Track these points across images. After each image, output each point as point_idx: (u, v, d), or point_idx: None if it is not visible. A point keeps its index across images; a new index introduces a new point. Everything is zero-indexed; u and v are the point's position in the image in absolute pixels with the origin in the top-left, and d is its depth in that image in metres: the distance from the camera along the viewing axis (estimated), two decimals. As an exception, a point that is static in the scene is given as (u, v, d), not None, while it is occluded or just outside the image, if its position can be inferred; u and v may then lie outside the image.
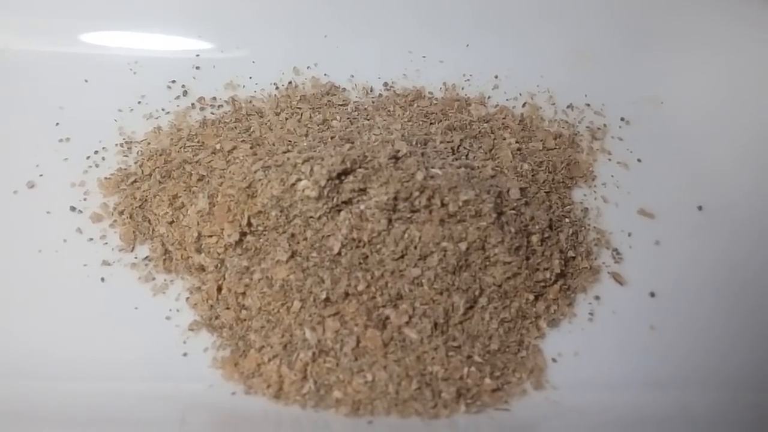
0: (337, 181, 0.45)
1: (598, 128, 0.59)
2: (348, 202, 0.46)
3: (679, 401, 0.45)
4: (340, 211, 0.45)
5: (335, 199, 0.45)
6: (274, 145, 0.51)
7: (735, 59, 0.60)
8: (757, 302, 0.50)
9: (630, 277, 0.51)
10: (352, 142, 0.48)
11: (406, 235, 0.46)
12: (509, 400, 0.44)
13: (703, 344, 0.48)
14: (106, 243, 0.49)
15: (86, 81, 0.56)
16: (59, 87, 0.56)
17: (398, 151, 0.47)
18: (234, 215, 0.46)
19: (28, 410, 0.40)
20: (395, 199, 0.45)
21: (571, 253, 0.51)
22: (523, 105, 0.59)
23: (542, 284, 0.48)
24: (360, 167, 0.46)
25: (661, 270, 0.52)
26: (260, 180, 0.46)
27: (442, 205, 0.45)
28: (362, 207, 0.45)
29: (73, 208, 0.50)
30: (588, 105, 0.60)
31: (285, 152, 0.49)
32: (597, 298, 0.50)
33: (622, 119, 0.60)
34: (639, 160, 0.58)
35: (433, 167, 0.47)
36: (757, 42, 0.59)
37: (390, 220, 0.46)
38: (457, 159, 0.50)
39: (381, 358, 0.44)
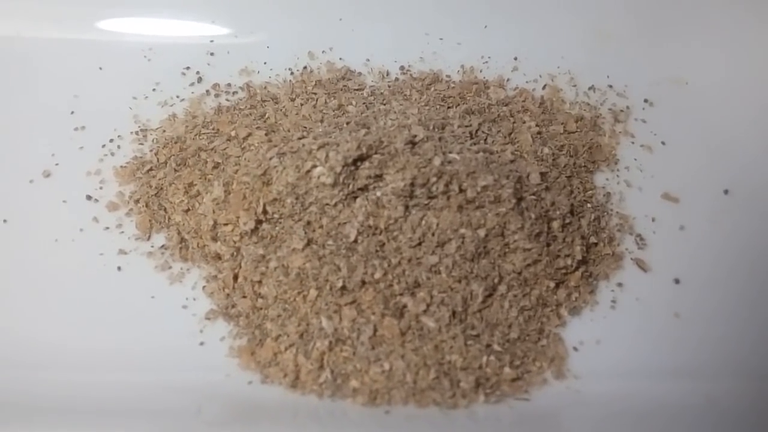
0: (352, 168, 0.44)
1: (621, 110, 0.57)
2: (364, 189, 0.45)
3: (704, 391, 0.44)
4: (356, 197, 0.45)
5: (351, 186, 0.44)
6: (289, 131, 0.50)
7: (761, 38, 0.58)
8: (784, 289, 0.49)
9: (654, 263, 0.50)
10: (368, 128, 0.48)
11: (423, 222, 0.45)
12: (529, 390, 0.43)
13: (729, 332, 0.47)
14: (122, 232, 0.48)
15: (101, 68, 0.56)
16: (73, 75, 0.55)
17: (415, 136, 0.46)
18: (249, 203, 0.46)
19: (45, 401, 0.40)
20: (412, 185, 0.44)
21: (593, 239, 0.49)
22: (544, 87, 0.58)
23: (563, 271, 0.47)
24: (376, 153, 0.45)
25: (685, 256, 0.50)
26: (275, 167, 0.45)
27: (461, 190, 0.45)
28: (378, 194, 0.45)
29: (89, 197, 0.50)
30: (610, 86, 0.59)
31: (300, 138, 0.48)
32: (620, 285, 0.49)
33: (646, 101, 0.58)
34: (663, 143, 0.56)
35: (450, 152, 0.46)
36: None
37: (407, 207, 0.45)
38: (475, 143, 0.49)
39: (398, 347, 0.43)
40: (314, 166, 0.44)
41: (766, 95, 0.57)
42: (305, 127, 0.50)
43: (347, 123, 0.50)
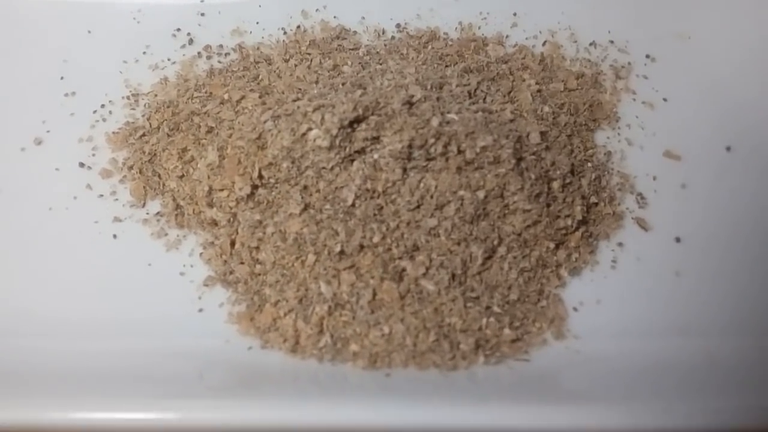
0: (349, 130, 0.44)
1: (622, 66, 0.56)
2: (361, 152, 0.44)
3: (704, 348, 0.43)
4: (353, 160, 0.44)
5: (348, 149, 0.44)
6: (283, 93, 0.49)
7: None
8: (786, 246, 0.48)
9: (655, 222, 0.50)
10: (364, 88, 0.47)
11: (421, 185, 0.44)
12: (529, 350, 0.43)
13: (730, 290, 0.47)
14: (117, 199, 0.48)
15: (89, 32, 0.55)
16: (62, 39, 0.54)
17: (412, 96, 0.45)
18: (244, 168, 0.45)
19: (44, 370, 0.39)
20: (410, 146, 0.43)
21: (593, 199, 0.49)
22: (543, 44, 0.57)
23: (563, 232, 0.47)
24: (373, 114, 0.44)
25: (687, 214, 0.50)
26: (270, 131, 0.45)
27: (459, 152, 0.44)
28: (376, 156, 0.44)
29: (82, 164, 0.49)
30: (611, 42, 0.57)
31: (295, 100, 0.47)
32: (620, 244, 0.49)
33: (648, 56, 0.57)
34: (665, 100, 0.55)
35: (449, 112, 0.45)
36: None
37: (405, 169, 0.44)
38: (474, 103, 0.48)
39: (398, 310, 0.43)
40: (310, 129, 0.44)
41: (767, 50, 0.56)
42: (300, 89, 0.49)
43: (343, 84, 0.49)
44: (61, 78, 0.53)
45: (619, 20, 0.58)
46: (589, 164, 0.51)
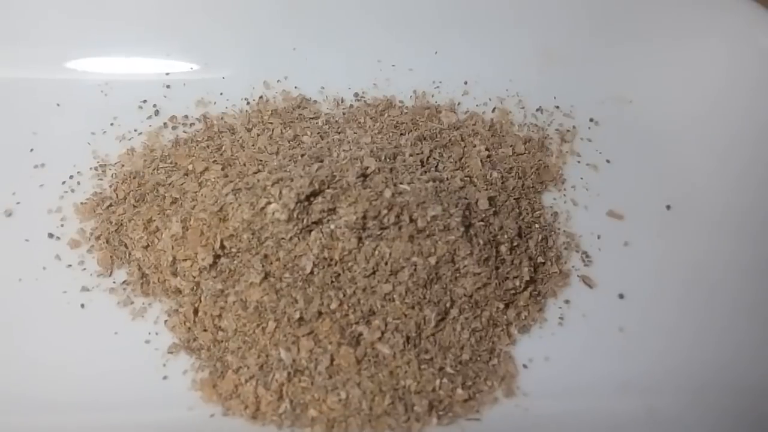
0: (306, 203, 0.46)
1: (568, 130, 0.60)
2: (318, 222, 0.46)
3: (646, 404, 0.46)
4: (310, 231, 0.46)
5: (305, 220, 0.46)
6: (245, 165, 0.52)
7: (703, 57, 0.61)
8: (725, 302, 0.51)
9: (599, 279, 0.52)
10: (321, 161, 0.49)
11: (376, 252, 0.47)
12: (480, 410, 0.46)
13: (672, 345, 0.49)
14: (85, 269, 0.50)
15: (58, 105, 0.57)
16: (31, 112, 0.56)
17: (367, 168, 0.48)
18: (207, 239, 0.47)
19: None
20: (364, 217, 0.46)
21: (540, 259, 0.52)
22: (493, 110, 0.60)
23: (512, 292, 0.50)
24: (329, 187, 0.47)
25: (629, 271, 0.53)
26: (231, 204, 0.47)
27: (411, 221, 0.46)
28: (332, 226, 0.46)
29: (51, 235, 0.51)
30: (557, 107, 0.61)
31: (255, 173, 0.50)
32: (567, 302, 0.51)
33: (591, 120, 0.61)
34: (608, 161, 0.59)
35: (401, 183, 0.48)
36: (725, 40, 0.60)
37: (360, 238, 0.47)
38: (426, 172, 0.51)
39: (355, 375, 0.45)
40: (269, 203, 0.46)
41: (706, 112, 0.60)
42: (260, 161, 0.52)
43: (302, 155, 0.51)
44: (31, 150, 0.55)
45: (564, 86, 0.62)
46: (537, 225, 0.54)
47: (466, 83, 0.61)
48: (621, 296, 0.52)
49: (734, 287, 0.52)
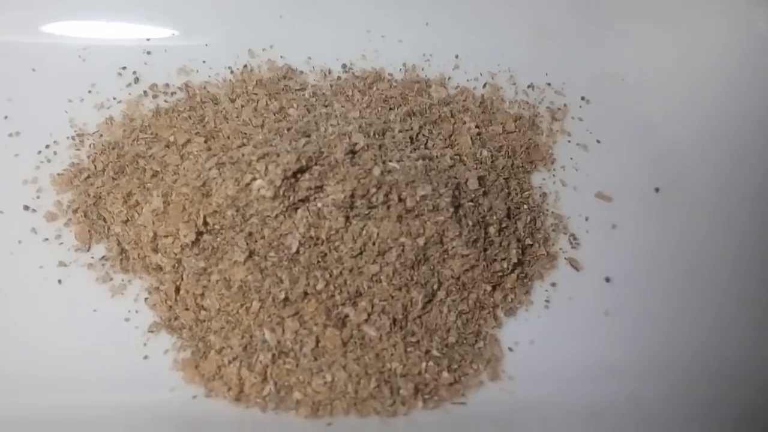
0: (293, 180, 0.45)
1: (559, 108, 0.59)
2: (305, 200, 0.45)
3: (630, 389, 0.46)
4: (297, 209, 0.45)
5: (291, 198, 0.45)
6: (228, 138, 0.50)
7: (697, 35, 0.59)
8: (712, 287, 0.51)
9: (586, 262, 0.52)
10: (309, 136, 0.48)
11: (364, 232, 0.46)
12: (466, 393, 0.45)
13: (656, 330, 0.50)
14: (62, 243, 0.48)
15: (34, 70, 0.54)
16: (6, 78, 0.53)
17: (355, 144, 0.47)
18: (189, 215, 0.46)
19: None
20: (352, 196, 0.45)
21: (528, 241, 0.51)
22: (484, 86, 0.59)
23: (500, 274, 0.49)
24: (316, 164, 0.45)
25: (616, 254, 0.53)
26: (215, 179, 0.46)
27: (400, 200, 0.45)
28: (319, 205, 0.45)
29: (26, 207, 0.49)
30: (549, 84, 0.60)
31: (240, 147, 0.48)
32: (553, 285, 0.51)
33: (583, 98, 0.59)
34: (598, 141, 0.58)
35: (390, 161, 0.47)
36: (720, 20, 0.58)
37: (348, 218, 0.45)
38: (415, 149, 0.50)
39: (340, 357, 0.44)
40: (254, 179, 0.45)
41: (699, 92, 0.59)
42: (245, 134, 0.50)
43: (288, 129, 0.50)
44: (5, 117, 0.52)
45: (556, 62, 0.60)
46: (525, 206, 0.53)
47: (457, 57, 0.59)
48: (607, 280, 0.52)
49: (722, 272, 0.52)
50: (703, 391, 0.46)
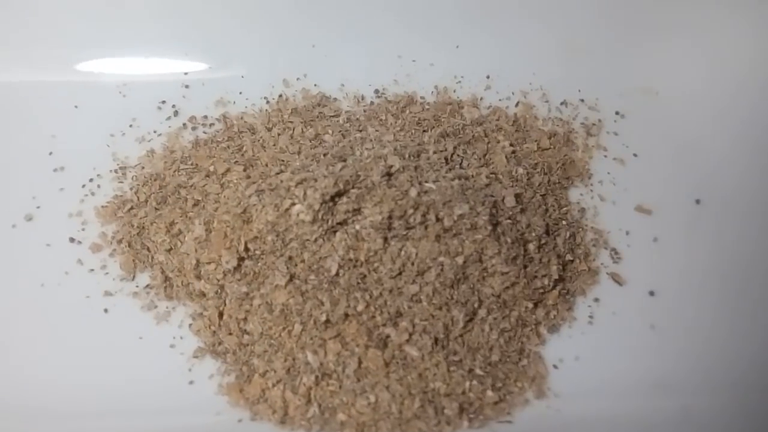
0: (330, 203, 0.45)
1: (593, 124, 0.59)
2: (343, 223, 0.46)
3: (680, 404, 0.45)
4: (335, 232, 0.46)
5: (330, 221, 0.45)
6: (267, 165, 0.51)
7: (730, 47, 0.59)
8: (758, 297, 0.50)
9: (629, 276, 0.51)
10: (345, 160, 0.48)
11: (402, 253, 0.46)
12: (512, 412, 0.45)
13: (704, 342, 0.49)
14: (107, 273, 0.49)
15: (76, 107, 0.56)
16: (50, 115, 0.55)
17: (391, 166, 0.47)
18: (231, 241, 0.47)
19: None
20: (390, 217, 0.45)
21: (569, 257, 0.51)
22: (516, 104, 0.59)
23: (541, 291, 0.49)
24: (353, 187, 0.46)
25: (659, 267, 0.52)
26: (254, 205, 0.46)
27: (437, 220, 0.46)
28: (357, 227, 0.46)
29: (72, 239, 0.50)
30: (582, 100, 0.60)
31: (278, 173, 0.49)
32: (596, 300, 0.50)
33: (617, 113, 0.59)
34: (635, 155, 0.57)
35: (426, 181, 0.47)
36: (753, 29, 0.58)
37: (386, 239, 0.46)
38: (451, 169, 0.50)
39: (383, 378, 0.44)
40: (293, 204, 0.45)
41: (734, 103, 0.58)
42: (283, 161, 0.51)
43: (324, 155, 0.50)
44: (50, 153, 0.54)
45: (588, 78, 0.60)
46: (564, 222, 0.52)
47: (488, 77, 0.60)
48: (651, 293, 0.51)
49: (767, 281, 0.51)
50: (754, 402, 0.45)
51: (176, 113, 0.57)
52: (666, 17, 0.61)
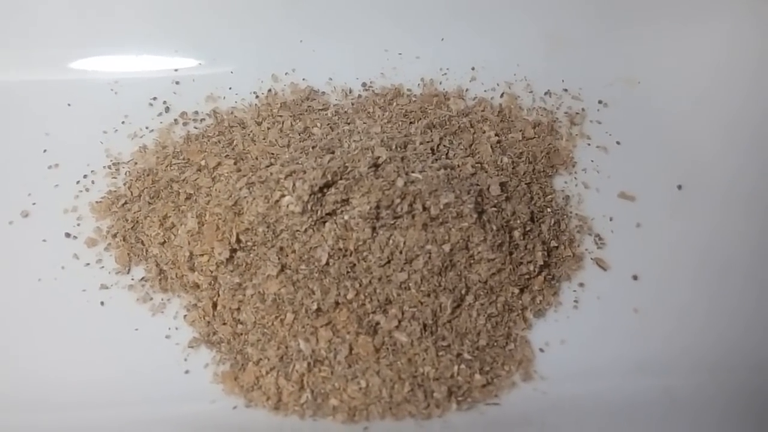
0: (319, 194, 0.46)
1: (577, 113, 0.60)
2: (332, 214, 0.47)
3: (663, 384, 0.46)
4: (325, 222, 0.47)
5: (319, 212, 0.46)
6: (257, 159, 0.52)
7: (710, 36, 0.61)
8: (739, 280, 0.52)
9: (613, 261, 0.53)
10: (333, 152, 0.49)
11: (390, 242, 0.47)
12: (499, 394, 0.46)
13: (686, 325, 0.50)
14: (103, 267, 0.50)
15: (69, 105, 0.57)
16: (44, 113, 0.56)
17: (378, 158, 0.48)
18: (223, 233, 0.48)
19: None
20: (377, 207, 0.46)
21: (553, 243, 0.52)
22: (501, 95, 0.60)
23: (527, 276, 0.50)
24: (341, 179, 0.47)
25: (642, 252, 0.53)
26: (245, 197, 0.47)
27: (424, 209, 0.47)
28: (346, 217, 0.47)
29: (68, 235, 0.51)
30: (565, 90, 0.61)
31: (268, 166, 0.50)
32: (581, 285, 0.52)
33: (600, 102, 0.60)
34: (618, 143, 0.59)
35: (413, 171, 0.48)
36: (731, 18, 0.59)
37: (374, 228, 0.47)
38: (437, 160, 0.51)
39: (373, 363, 0.46)
40: (283, 196, 0.46)
41: (714, 91, 0.60)
42: (272, 154, 0.52)
43: (313, 147, 0.51)
44: (44, 151, 0.55)
45: (571, 69, 0.62)
46: (549, 210, 0.54)
47: (473, 69, 0.61)
48: (635, 277, 0.52)
49: (748, 264, 0.52)
50: (735, 383, 0.46)
51: (167, 109, 0.58)
52: (646, 8, 0.62)
